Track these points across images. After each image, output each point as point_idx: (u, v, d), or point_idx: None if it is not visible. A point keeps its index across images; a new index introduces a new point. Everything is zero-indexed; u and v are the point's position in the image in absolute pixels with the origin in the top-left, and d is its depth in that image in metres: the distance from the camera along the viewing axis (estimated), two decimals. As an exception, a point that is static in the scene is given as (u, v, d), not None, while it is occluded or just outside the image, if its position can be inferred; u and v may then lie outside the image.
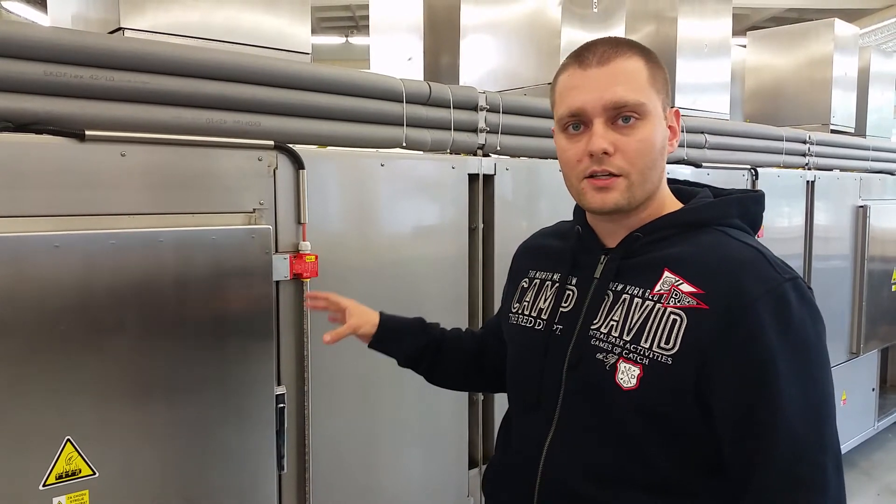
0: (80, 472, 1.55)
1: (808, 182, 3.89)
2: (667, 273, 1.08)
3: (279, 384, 1.91)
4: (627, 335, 1.08)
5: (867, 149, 4.45)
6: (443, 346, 1.51)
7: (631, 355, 1.06)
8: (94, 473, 1.57)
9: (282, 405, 1.88)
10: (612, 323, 1.10)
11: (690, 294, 1.04)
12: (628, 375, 1.05)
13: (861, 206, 4.24)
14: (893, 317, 4.53)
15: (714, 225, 1.13)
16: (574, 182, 1.13)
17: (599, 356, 1.09)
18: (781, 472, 0.98)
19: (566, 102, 1.11)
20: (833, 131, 4.29)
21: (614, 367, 1.07)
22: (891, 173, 4.65)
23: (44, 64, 1.53)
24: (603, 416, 1.09)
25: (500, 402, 1.58)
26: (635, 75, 1.08)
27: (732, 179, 3.44)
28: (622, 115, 1.07)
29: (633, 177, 1.08)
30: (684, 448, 1.05)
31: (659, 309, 1.06)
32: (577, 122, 1.11)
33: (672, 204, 1.18)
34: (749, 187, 3.53)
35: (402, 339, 1.50)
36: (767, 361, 0.98)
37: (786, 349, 0.99)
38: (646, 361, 1.04)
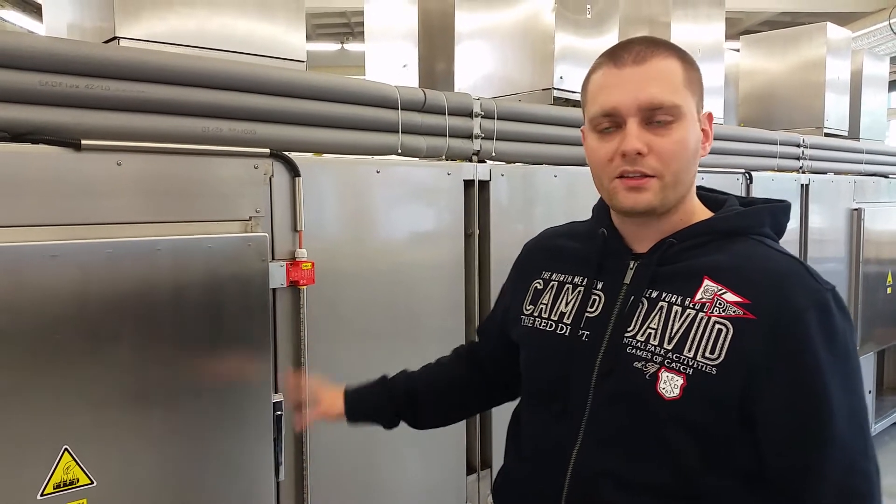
0: (79, 481, 1.55)
1: (802, 185, 3.91)
2: (707, 281, 1.06)
3: (276, 392, 1.91)
4: (669, 344, 1.05)
5: (861, 151, 4.47)
6: (416, 391, 1.46)
7: (674, 364, 1.03)
8: (92, 482, 1.57)
9: (279, 413, 1.88)
10: (649, 331, 1.07)
11: (735, 304, 1.02)
12: (671, 385, 1.02)
13: (855, 209, 4.26)
14: (889, 319, 4.53)
15: (747, 234, 1.12)
16: (605, 182, 1.11)
17: (637, 364, 1.06)
18: (835, 484, 0.98)
19: (599, 101, 1.08)
20: (827, 134, 4.31)
21: (655, 377, 1.04)
22: (885, 176, 4.67)
23: (39, 73, 1.54)
24: (639, 425, 1.06)
25: (498, 407, 1.58)
26: (671, 76, 1.06)
27: (727, 184, 3.45)
28: (657, 117, 1.05)
29: (666, 178, 1.06)
30: (722, 458, 1.03)
31: (702, 318, 1.03)
32: (611, 122, 1.08)
33: (702, 211, 1.16)
34: (743, 192, 3.54)
35: (366, 401, 1.48)
36: (816, 373, 0.98)
37: (832, 360, 0.99)
38: (689, 371, 1.01)
